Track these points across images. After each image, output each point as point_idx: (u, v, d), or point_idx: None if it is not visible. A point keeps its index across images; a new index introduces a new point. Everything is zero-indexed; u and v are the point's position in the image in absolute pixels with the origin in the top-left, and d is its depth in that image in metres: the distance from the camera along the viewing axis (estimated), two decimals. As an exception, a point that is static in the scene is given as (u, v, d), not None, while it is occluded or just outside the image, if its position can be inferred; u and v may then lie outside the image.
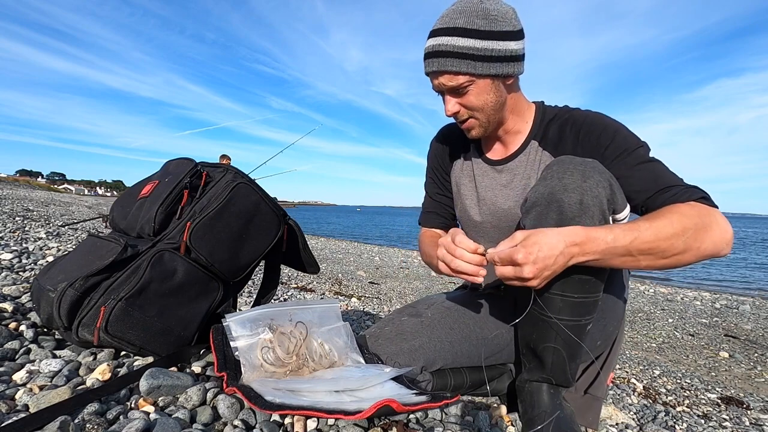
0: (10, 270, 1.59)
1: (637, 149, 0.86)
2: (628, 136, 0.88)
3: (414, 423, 0.80)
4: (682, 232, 0.73)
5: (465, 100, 0.91)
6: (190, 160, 1.07)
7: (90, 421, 0.62)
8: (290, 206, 42.29)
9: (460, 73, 0.87)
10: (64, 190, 60.82)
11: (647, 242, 0.72)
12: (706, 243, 0.74)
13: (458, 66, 0.86)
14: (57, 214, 5.77)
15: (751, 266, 12.90)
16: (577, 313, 0.81)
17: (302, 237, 1.12)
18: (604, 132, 0.89)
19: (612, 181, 0.78)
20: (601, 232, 0.72)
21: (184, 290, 0.91)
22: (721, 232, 0.75)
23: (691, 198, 0.79)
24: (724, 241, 0.76)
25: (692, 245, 0.74)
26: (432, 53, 0.87)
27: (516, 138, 1.01)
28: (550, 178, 0.78)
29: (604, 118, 0.92)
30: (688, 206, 0.77)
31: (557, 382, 0.87)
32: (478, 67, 0.86)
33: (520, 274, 0.69)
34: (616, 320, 1.01)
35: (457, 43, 0.84)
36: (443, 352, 0.98)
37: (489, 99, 0.90)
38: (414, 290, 5.24)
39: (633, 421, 1.56)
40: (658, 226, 0.73)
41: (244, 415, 0.71)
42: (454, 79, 0.88)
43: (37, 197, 10.84)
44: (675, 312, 5.24)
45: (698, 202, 0.78)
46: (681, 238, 0.73)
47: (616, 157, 0.85)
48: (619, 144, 0.86)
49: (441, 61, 0.86)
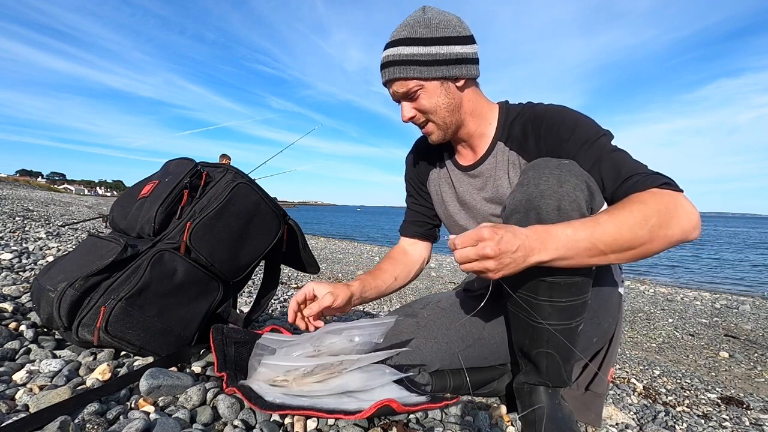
0: (10, 270, 1.59)
1: (597, 140, 0.85)
2: (588, 127, 0.87)
3: (414, 423, 0.80)
4: (644, 220, 0.71)
5: (418, 105, 0.95)
6: (190, 160, 1.07)
7: (90, 421, 0.62)
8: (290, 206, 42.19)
9: (408, 78, 0.92)
10: (64, 190, 60.83)
11: (609, 233, 0.70)
12: (672, 229, 0.72)
13: (406, 72, 0.91)
14: (57, 214, 5.77)
15: (752, 266, 12.90)
16: (567, 317, 0.81)
17: (302, 237, 1.12)
18: (563, 125, 0.88)
19: (589, 182, 0.78)
20: (559, 227, 0.71)
21: (184, 290, 0.91)
22: (687, 215, 0.73)
23: (652, 185, 0.76)
24: (690, 224, 0.73)
25: (658, 233, 0.71)
26: (383, 65, 0.94)
27: (482, 141, 1.02)
28: (527, 184, 0.78)
29: (564, 111, 0.92)
30: (649, 194, 0.75)
31: (554, 384, 0.88)
32: (424, 71, 0.91)
33: (483, 251, 0.66)
34: (611, 316, 1.00)
35: (403, 51, 0.90)
36: (440, 353, 0.98)
37: (440, 102, 0.94)
38: (414, 290, 5.24)
39: (633, 421, 1.56)
40: (618, 217, 0.72)
41: (244, 415, 0.71)
42: (405, 85, 0.92)
43: (37, 197, 10.84)
44: (675, 312, 5.25)
45: (660, 188, 0.76)
46: (644, 227, 0.71)
47: (578, 150, 0.85)
48: (579, 136, 0.86)
49: (391, 70, 0.92)
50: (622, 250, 0.72)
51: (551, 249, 0.69)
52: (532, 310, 0.81)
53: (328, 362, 0.76)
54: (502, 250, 0.66)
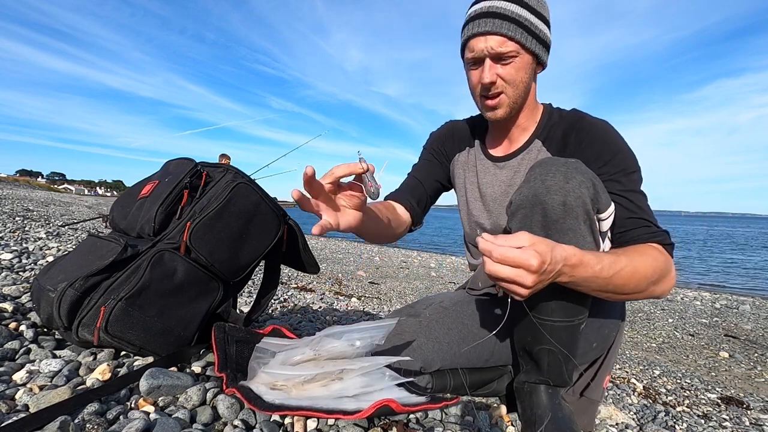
0: (10, 270, 1.59)
1: (632, 173, 0.88)
2: (629, 158, 0.89)
3: (414, 423, 0.80)
4: (651, 275, 0.77)
5: (505, 72, 0.89)
6: (190, 160, 1.07)
7: (90, 421, 0.62)
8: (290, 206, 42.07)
9: (513, 39, 0.86)
10: (64, 190, 60.82)
11: (624, 278, 0.75)
12: (660, 288, 0.80)
13: (514, 32, 0.85)
14: (57, 214, 5.77)
15: (751, 266, 12.89)
16: (570, 314, 0.81)
17: (302, 237, 1.12)
18: (606, 147, 0.89)
19: (595, 181, 0.78)
20: (593, 260, 0.71)
21: (184, 290, 0.91)
22: (671, 282, 0.82)
23: (664, 242, 0.83)
24: (669, 288, 0.82)
25: (652, 289, 0.79)
26: (488, 13, 0.85)
27: (522, 135, 1.02)
28: (533, 180, 0.79)
29: (609, 132, 0.92)
30: (660, 252, 0.81)
31: (555, 383, 0.88)
32: (529, 40, 0.87)
33: (522, 280, 0.62)
34: (613, 323, 1.01)
35: (515, 10, 0.85)
36: (441, 353, 0.98)
37: (525, 77, 0.90)
38: (414, 290, 5.24)
39: (633, 421, 1.56)
40: (636, 266, 0.76)
41: (244, 415, 0.71)
42: (505, 44, 0.86)
43: (37, 197, 10.84)
44: (675, 312, 5.24)
45: (666, 249, 0.83)
46: (649, 280, 0.77)
47: (611, 175, 0.87)
48: (617, 163, 0.88)
49: (498, 22, 0.85)
50: (620, 293, 0.78)
51: (576, 277, 0.71)
52: (535, 306, 0.81)
53: (329, 371, 0.76)
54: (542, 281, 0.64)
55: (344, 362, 0.78)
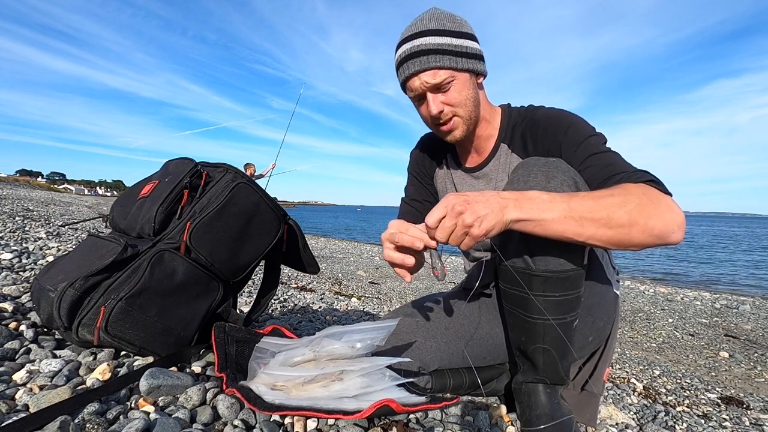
0: (10, 270, 1.59)
1: (587, 139, 0.87)
2: (580, 128, 0.89)
3: (414, 423, 0.80)
4: (623, 202, 0.70)
5: (448, 98, 0.92)
6: (190, 160, 1.07)
7: (90, 421, 0.62)
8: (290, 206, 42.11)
9: (443, 67, 0.89)
10: (64, 190, 60.80)
11: (586, 206, 0.69)
12: (653, 219, 0.69)
13: (440, 61, 0.88)
14: (57, 214, 5.77)
15: (751, 266, 12.90)
16: (561, 311, 0.81)
17: (302, 237, 1.12)
18: (559, 128, 0.90)
19: (576, 178, 0.79)
20: (536, 192, 0.72)
21: (184, 290, 0.91)
22: (671, 212, 0.71)
23: (639, 180, 0.76)
24: (675, 222, 0.70)
25: (638, 219, 0.69)
26: (411, 54, 0.90)
27: (487, 143, 1.03)
28: (516, 182, 0.80)
29: (561, 115, 0.93)
30: (635, 185, 0.74)
31: (552, 381, 0.88)
32: (458, 61, 0.90)
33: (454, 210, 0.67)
34: (606, 315, 1.01)
35: (435, 41, 0.89)
36: (439, 352, 0.99)
37: (469, 94, 0.93)
38: (414, 290, 5.24)
39: (633, 421, 1.56)
40: (597, 194, 0.72)
41: (244, 415, 0.71)
42: (438, 75, 0.89)
43: (37, 197, 10.84)
44: (675, 312, 5.24)
45: (647, 184, 0.75)
46: (623, 208, 0.69)
47: (572, 152, 0.87)
48: (571, 138, 0.88)
49: (423, 59, 0.89)
50: (598, 225, 0.69)
51: (526, 208, 0.69)
52: (526, 305, 0.82)
53: (329, 371, 0.76)
54: (470, 201, 0.68)
55: (344, 363, 0.78)
